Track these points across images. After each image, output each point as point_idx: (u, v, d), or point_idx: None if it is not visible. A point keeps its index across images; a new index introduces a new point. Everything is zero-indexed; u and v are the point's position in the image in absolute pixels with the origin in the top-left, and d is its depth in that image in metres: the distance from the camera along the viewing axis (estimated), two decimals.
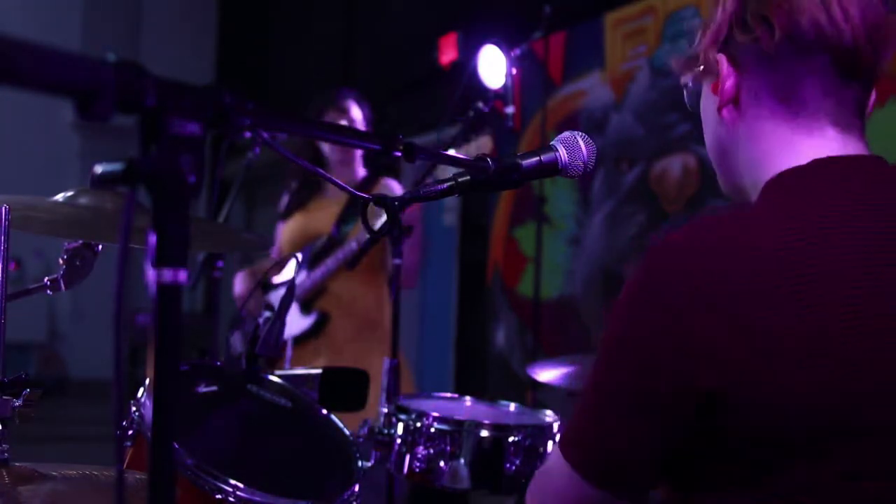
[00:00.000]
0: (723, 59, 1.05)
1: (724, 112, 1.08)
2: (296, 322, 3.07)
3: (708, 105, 1.11)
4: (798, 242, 0.93)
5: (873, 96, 1.07)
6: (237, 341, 3.11)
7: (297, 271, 2.93)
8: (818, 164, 1.01)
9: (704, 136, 1.14)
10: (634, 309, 0.97)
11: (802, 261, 0.91)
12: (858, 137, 1.04)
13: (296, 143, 3.30)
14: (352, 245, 2.99)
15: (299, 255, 3.09)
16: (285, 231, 3.24)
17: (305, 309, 3.11)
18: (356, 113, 3.14)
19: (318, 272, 3.04)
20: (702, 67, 1.09)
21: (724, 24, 1.05)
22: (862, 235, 0.95)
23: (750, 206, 1.02)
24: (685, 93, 1.16)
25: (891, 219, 0.97)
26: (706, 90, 1.11)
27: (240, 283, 3.20)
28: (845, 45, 0.99)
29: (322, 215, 3.16)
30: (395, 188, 3.13)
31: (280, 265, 3.09)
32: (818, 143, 1.02)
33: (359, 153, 3.20)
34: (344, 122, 3.08)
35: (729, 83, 1.05)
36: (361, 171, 3.20)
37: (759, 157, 1.05)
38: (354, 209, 3.11)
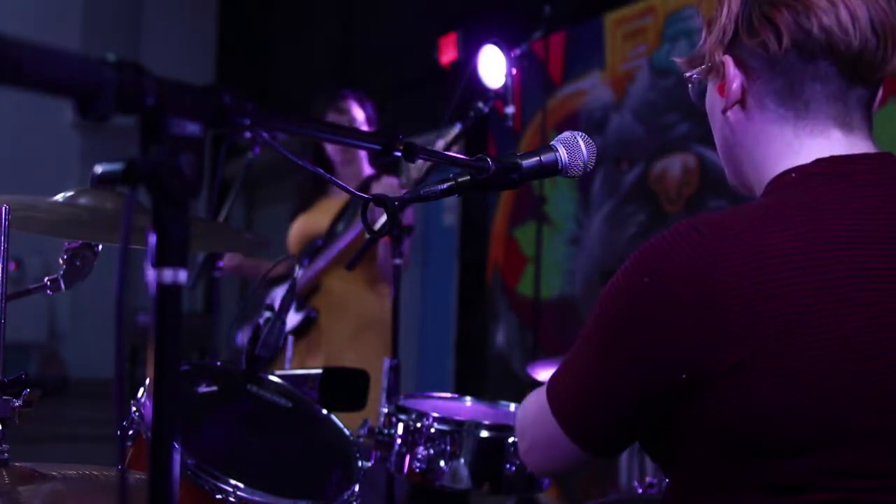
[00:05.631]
0: (729, 61, 1.04)
1: (730, 114, 1.08)
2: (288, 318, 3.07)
3: (714, 104, 1.11)
4: (797, 241, 0.93)
5: (880, 94, 1.06)
6: (243, 337, 3.10)
7: (297, 272, 2.93)
8: (820, 162, 1.01)
9: (712, 130, 1.14)
10: (627, 304, 0.98)
11: (801, 260, 0.92)
12: (865, 137, 1.04)
13: (298, 144, 3.30)
14: (338, 245, 2.99)
15: (306, 261, 3.09)
16: (292, 231, 3.25)
17: (298, 306, 3.10)
18: (357, 113, 3.13)
19: (309, 271, 3.05)
20: (708, 66, 1.08)
21: (729, 24, 1.04)
22: (866, 234, 0.95)
23: (752, 203, 1.02)
24: (690, 87, 1.15)
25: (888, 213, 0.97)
26: (711, 89, 1.11)
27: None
28: (853, 50, 0.98)
29: (322, 215, 3.16)
30: (395, 185, 3.12)
31: (286, 262, 3.10)
32: (822, 144, 1.02)
33: (363, 152, 3.19)
34: (344, 124, 3.07)
35: (735, 85, 1.05)
36: (368, 170, 3.19)
37: (764, 158, 1.06)
38: (352, 209, 3.11)
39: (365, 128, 3.11)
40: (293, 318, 3.09)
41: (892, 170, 1.02)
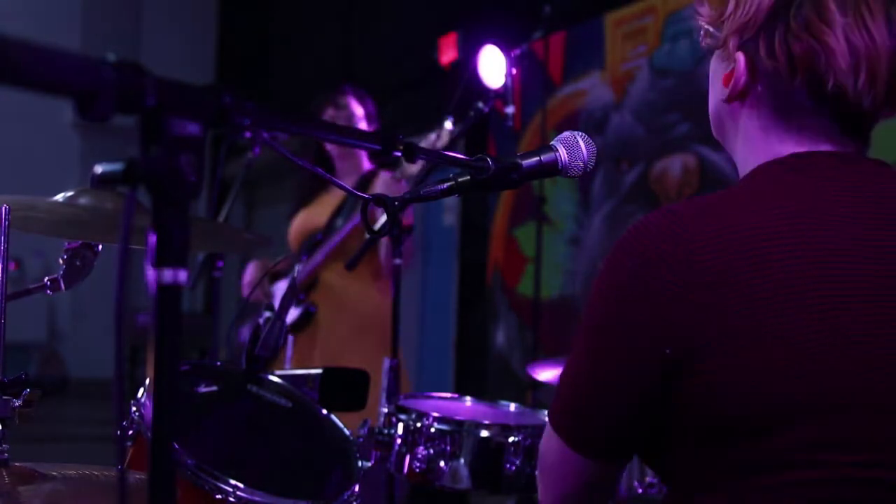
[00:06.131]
0: (741, 59, 1.03)
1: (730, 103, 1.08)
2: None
3: (716, 76, 1.11)
4: (780, 219, 0.94)
5: None
6: (245, 334, 3.10)
7: (296, 271, 2.93)
8: (795, 156, 1.02)
9: (709, 91, 1.14)
10: (611, 290, 0.99)
11: (783, 236, 0.93)
12: (856, 152, 1.05)
13: (297, 144, 3.29)
14: (335, 239, 2.99)
15: (305, 256, 3.10)
16: (292, 227, 3.26)
17: (297, 301, 3.10)
18: (356, 109, 3.13)
19: (308, 266, 3.05)
20: (722, 41, 1.06)
21: (753, 22, 1.02)
22: (852, 214, 0.96)
23: (730, 188, 1.03)
24: (701, 32, 1.11)
25: (868, 205, 0.98)
26: (717, 63, 1.10)
27: (250, 272, 3.21)
28: (861, 110, 0.99)
29: (322, 210, 3.16)
30: (387, 178, 3.12)
31: (288, 259, 3.10)
32: (807, 149, 1.04)
33: None
34: (342, 119, 3.07)
35: (741, 83, 1.04)
36: (366, 164, 3.19)
37: (748, 153, 1.07)
38: (351, 204, 3.10)
39: (364, 124, 3.11)
40: (292, 313, 3.09)
41: (868, 168, 1.03)
